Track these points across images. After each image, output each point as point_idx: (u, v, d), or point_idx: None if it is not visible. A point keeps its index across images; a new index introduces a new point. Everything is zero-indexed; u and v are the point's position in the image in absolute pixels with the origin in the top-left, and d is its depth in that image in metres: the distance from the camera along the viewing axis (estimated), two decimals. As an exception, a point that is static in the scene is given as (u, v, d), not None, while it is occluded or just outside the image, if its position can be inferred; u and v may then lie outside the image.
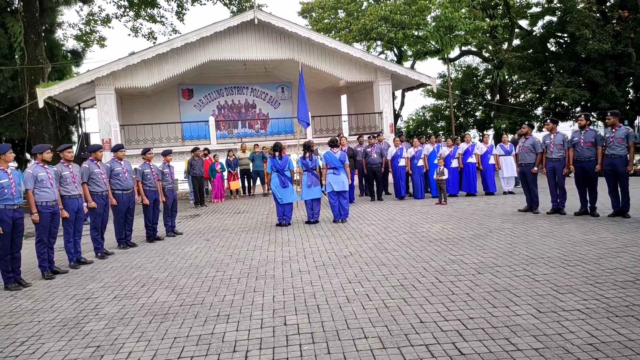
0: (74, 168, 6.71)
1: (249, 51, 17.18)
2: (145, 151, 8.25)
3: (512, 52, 21.44)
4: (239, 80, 21.09)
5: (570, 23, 21.17)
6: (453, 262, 5.50)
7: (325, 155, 8.74)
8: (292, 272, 5.55)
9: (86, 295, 5.23)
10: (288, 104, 22.11)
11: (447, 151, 11.88)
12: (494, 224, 7.73)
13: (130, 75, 16.08)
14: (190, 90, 21.00)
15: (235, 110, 21.58)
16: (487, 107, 23.91)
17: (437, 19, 18.34)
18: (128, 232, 7.81)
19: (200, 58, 16.67)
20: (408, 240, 6.84)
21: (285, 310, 4.29)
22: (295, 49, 17.63)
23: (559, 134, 8.39)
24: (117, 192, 7.46)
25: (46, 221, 6.09)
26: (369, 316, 4.00)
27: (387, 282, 4.90)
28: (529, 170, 8.65)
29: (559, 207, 8.37)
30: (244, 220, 10.02)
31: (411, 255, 5.95)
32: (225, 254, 6.79)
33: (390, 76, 18.57)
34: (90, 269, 6.46)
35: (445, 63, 22.91)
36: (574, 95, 20.31)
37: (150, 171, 8.13)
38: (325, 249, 6.60)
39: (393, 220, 8.70)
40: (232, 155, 14.48)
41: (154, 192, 8.17)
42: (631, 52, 19.91)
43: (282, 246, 7.01)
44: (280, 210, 8.65)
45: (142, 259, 6.83)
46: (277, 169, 8.59)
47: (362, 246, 6.65)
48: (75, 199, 6.59)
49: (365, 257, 5.99)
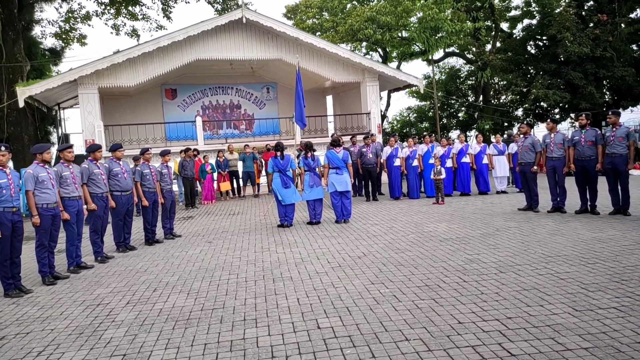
0: (74, 168, 6.44)
1: (236, 50, 16.96)
2: (144, 151, 7.99)
3: (495, 54, 21.72)
4: (224, 80, 20.82)
5: (551, 26, 21.57)
6: (471, 262, 5.46)
7: (327, 154, 8.63)
8: (309, 273, 5.42)
9: (96, 301, 4.99)
10: (273, 104, 21.94)
11: (441, 151, 11.91)
12: (498, 223, 7.75)
13: (115, 74, 15.66)
14: (174, 90, 20.61)
15: (220, 111, 21.28)
16: (470, 108, 24.19)
17: (423, 20, 18.43)
18: (127, 235, 7.54)
19: (186, 57, 16.36)
20: (418, 240, 6.79)
21: (314, 313, 4.16)
22: (283, 48, 17.49)
23: (559, 133, 8.48)
24: (115, 193, 7.19)
25: (47, 224, 5.81)
26: (403, 318, 3.91)
27: (411, 283, 4.82)
28: (528, 169, 8.72)
29: (560, 206, 8.46)
30: (241, 221, 9.82)
31: (426, 255, 5.89)
32: (233, 256, 6.61)
33: (378, 77, 18.62)
34: (93, 274, 6.19)
35: (430, 64, 23.08)
36: (555, 97, 20.70)
37: (150, 172, 7.87)
38: (336, 250, 6.49)
39: (396, 220, 8.65)
40: (222, 156, 14.22)
41: (153, 194, 7.91)
42: (610, 55, 20.39)
43: (291, 247, 6.87)
44: (282, 211, 8.50)
45: (146, 263, 6.59)
46: (279, 169, 8.44)
47: (373, 247, 6.57)
48: (75, 200, 6.31)
49: (380, 258, 5.91)
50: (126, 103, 19.27)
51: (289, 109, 20.92)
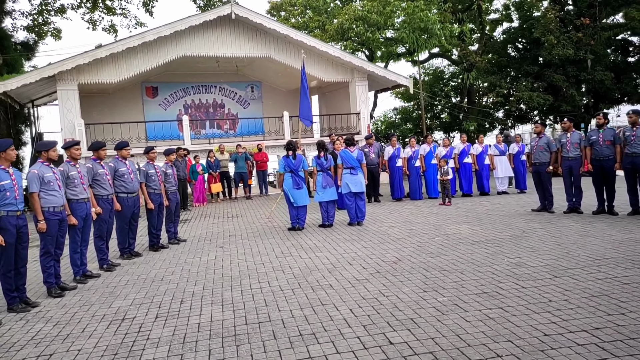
0: (82, 168, 5.86)
1: (224, 47, 16.40)
2: (149, 150, 7.41)
3: (482, 55, 21.84)
4: (207, 78, 20.18)
5: (533, 29, 21.85)
6: (518, 266, 5.19)
7: (341, 154, 8.25)
8: (349, 281, 5.03)
9: (118, 315, 4.47)
10: (258, 103, 21.43)
11: (443, 151, 11.72)
12: (520, 224, 7.55)
13: (96, 69, 14.89)
14: (155, 88, 19.85)
15: (203, 110, 20.63)
16: (454, 109, 24.27)
17: (412, 20, 18.29)
18: (132, 240, 6.97)
19: (172, 53, 15.71)
20: (447, 243, 6.50)
21: (377, 326, 3.79)
22: (272, 46, 17.03)
23: (575, 133, 8.37)
24: (121, 195, 6.62)
25: (54, 229, 5.23)
26: (480, 330, 3.58)
27: (467, 290, 4.50)
28: (543, 170, 8.58)
29: (576, 206, 8.34)
30: (245, 224, 9.34)
31: (465, 259, 5.59)
32: (254, 262, 6.16)
33: (367, 76, 18.39)
34: (103, 284, 5.63)
35: (415, 65, 23.02)
36: (539, 100, 20.95)
37: (155, 172, 7.32)
38: (365, 255, 6.12)
39: (411, 222, 8.35)
40: (212, 157, 13.65)
41: (159, 196, 7.36)
42: (591, 59, 20.78)
43: (314, 252, 6.46)
44: (293, 214, 8.07)
45: (159, 270, 6.07)
46: (291, 169, 8.01)
47: (403, 251, 6.23)
48: (83, 203, 5.74)
49: (417, 263, 5.58)
50: (105, 101, 18.40)
51: (273, 109, 20.45)
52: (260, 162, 14.49)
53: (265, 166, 14.67)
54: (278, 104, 20.82)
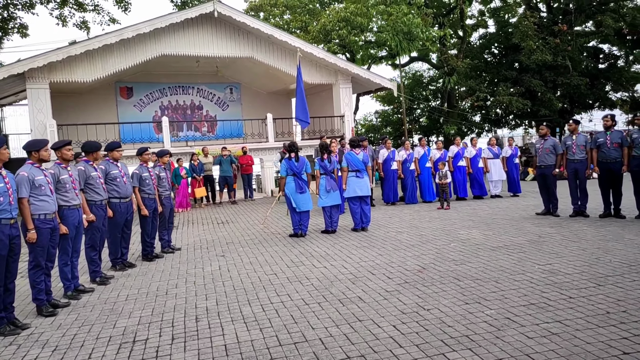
0: (73, 171, 5.26)
1: (205, 47, 15.79)
2: (142, 151, 6.82)
3: (463, 59, 21.91)
4: (184, 79, 19.49)
5: (512, 35, 22.08)
6: (552, 273, 4.91)
7: (346, 156, 7.86)
8: (379, 293, 4.63)
9: (127, 337, 3.94)
10: (237, 105, 20.84)
11: (437, 154, 11.51)
12: (531, 229, 7.33)
13: (70, 67, 14.04)
14: (130, 88, 19.01)
15: (180, 112, 19.90)
16: (434, 113, 24.28)
17: (395, 23, 18.12)
18: (124, 249, 6.38)
19: (151, 52, 14.99)
20: (466, 249, 6.19)
21: (432, 345, 3.40)
22: (255, 46, 16.53)
23: (581, 135, 8.25)
24: (113, 200, 6.02)
25: (45, 240, 4.63)
26: (549, 348, 3.24)
27: (511, 301, 4.17)
28: (549, 172, 8.42)
29: (582, 210, 8.21)
30: (239, 231, 8.82)
31: (494, 267, 5.28)
32: (264, 272, 5.68)
33: (351, 79, 18.11)
34: (99, 299, 5.04)
35: (395, 69, 22.90)
36: (518, 104, 21.15)
37: (149, 175, 6.74)
38: (385, 263, 5.73)
39: (417, 227, 8.03)
40: (196, 160, 13.03)
41: (153, 201, 6.78)
42: (569, 64, 21.13)
43: (328, 261, 6.03)
44: (296, 219, 7.61)
45: (160, 283, 5.51)
46: (294, 172, 7.56)
47: (423, 258, 5.88)
48: (75, 209, 5.14)
49: (444, 272, 5.23)
50: (76, 101, 17.47)
51: (253, 111, 19.90)
52: (245, 166, 13.97)
53: (250, 170, 14.14)
54: (258, 107, 20.31)
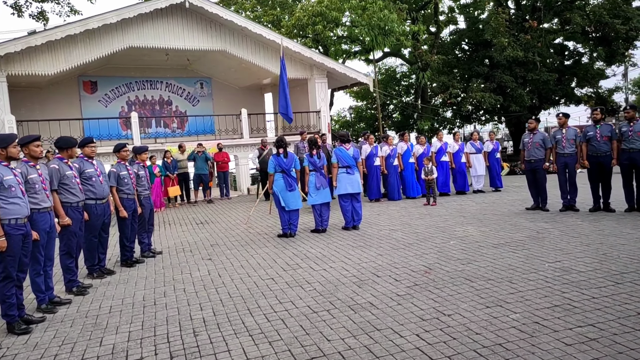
0: (43, 169, 4.70)
1: (175, 39, 15.11)
2: (120, 147, 6.26)
3: (437, 55, 21.91)
4: (152, 73, 18.69)
5: (483, 31, 22.25)
6: (565, 271, 4.71)
7: (336, 152, 7.52)
8: (390, 297, 4.31)
9: (119, 356, 3.47)
10: (208, 101, 20.19)
11: (420, 149, 11.33)
12: (526, 224, 7.19)
13: (30, 59, 13.14)
14: (94, 83, 18.07)
15: (149, 107, 19.09)
16: (407, 108, 24.25)
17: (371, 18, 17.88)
18: (102, 255, 5.83)
19: (118, 43, 14.23)
20: (467, 247, 5.96)
21: (465, 356, 3.10)
22: (227, 39, 15.97)
23: (571, 129, 8.17)
24: (89, 202, 5.48)
25: (17, 247, 4.09)
26: (593, 357, 3.00)
27: (533, 303, 3.93)
28: (540, 167, 8.31)
29: (571, 204, 8.15)
30: (222, 231, 8.35)
31: (502, 265, 5.06)
32: (259, 276, 5.27)
33: (326, 74, 17.78)
34: (79, 312, 4.53)
35: (369, 64, 22.72)
36: (490, 100, 21.33)
37: (127, 173, 6.20)
38: (387, 264, 5.42)
39: (409, 224, 7.78)
40: (169, 157, 12.41)
41: (132, 201, 6.25)
42: (537, 61, 21.44)
43: (325, 262, 5.67)
44: (285, 218, 7.21)
45: (146, 292, 5.03)
46: (282, 169, 7.15)
47: (425, 257, 5.61)
48: (46, 213, 4.59)
49: (452, 272, 4.96)
50: (35, 96, 16.48)
51: (225, 107, 19.31)
52: (221, 163, 13.43)
53: (226, 167, 13.61)
54: (230, 102, 19.73)
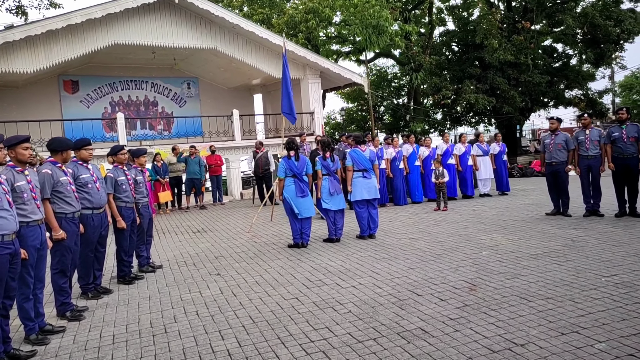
0: (32, 176, 4.02)
1: (163, 36, 14.37)
2: (117, 150, 5.57)
3: (431, 55, 21.56)
4: (137, 72, 17.88)
5: (475, 33, 21.99)
6: (629, 287, 4.22)
7: (351, 154, 6.94)
8: (442, 321, 3.75)
9: (132, 406, 2.83)
10: (195, 101, 19.43)
11: (426, 152, 10.84)
12: (555, 231, 6.72)
13: (7, 55, 12.29)
14: (75, 82, 17.17)
15: (133, 108, 18.24)
16: (399, 110, 23.84)
17: (364, 17, 17.42)
18: (98, 272, 5.14)
19: (103, 40, 13.43)
20: (504, 258, 5.44)
21: (566, 401, 2.56)
22: (218, 37, 15.29)
23: (594, 130, 7.76)
24: (84, 211, 4.79)
25: (4, 269, 3.42)
26: None
27: (614, 329, 3.41)
28: (562, 169, 7.87)
29: (595, 209, 7.73)
30: (224, 241, 7.69)
31: (553, 280, 4.54)
32: (281, 296, 4.65)
33: (319, 74, 17.23)
34: (76, 343, 3.85)
35: (360, 65, 22.24)
36: (483, 102, 21.06)
37: (126, 179, 5.53)
38: (423, 279, 4.86)
39: (428, 232, 7.24)
40: (159, 160, 11.67)
41: (131, 210, 5.57)
42: (530, 62, 21.26)
43: (352, 278, 5.07)
44: (296, 227, 6.60)
45: (152, 316, 4.36)
46: (294, 173, 6.54)
47: (461, 271, 5.06)
48: (36, 226, 3.91)
49: (499, 288, 4.42)
50: (12, 96, 15.57)
51: (212, 108, 18.60)
52: (214, 166, 12.73)
53: (219, 170, 12.92)
54: (218, 103, 19.05)
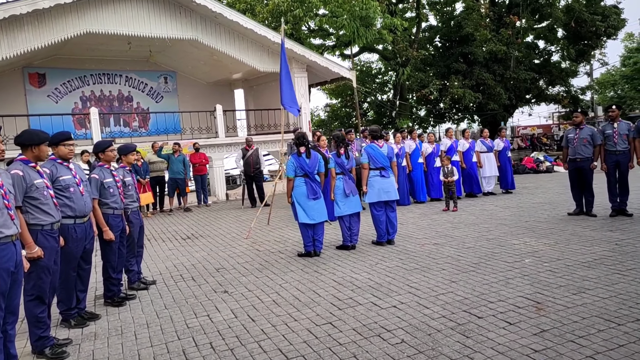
0: (4, 177, 3.12)
1: (139, 25, 13.30)
2: (105, 146, 4.64)
3: (418, 50, 21.01)
4: (110, 65, 16.72)
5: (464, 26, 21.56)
6: None
7: (367, 150, 6.20)
8: (523, 352, 3.04)
9: None
10: (172, 97, 18.38)
11: (429, 148, 10.21)
12: (591, 234, 6.14)
13: (-35, 44, 11.04)
14: (42, 75, 15.91)
15: (106, 104, 17.07)
16: (385, 106, 23.25)
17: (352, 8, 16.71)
18: (81, 293, 4.24)
19: (73, 28, 12.28)
20: (553, 268, 4.79)
21: None
22: (198, 27, 14.30)
23: (623, 123, 7.22)
24: (65, 221, 3.90)
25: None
26: None
27: None
28: (587, 166, 7.30)
29: (622, 207, 7.21)
30: (220, 249, 6.84)
31: (631, 295, 3.91)
32: (308, 319, 3.87)
33: (306, 67, 16.43)
34: (61, 395, 2.98)
35: (344, 59, 21.57)
36: (470, 97, 20.68)
37: (114, 181, 4.63)
38: (475, 296, 4.15)
39: (452, 236, 6.55)
40: (139, 159, 10.66)
41: (120, 219, 4.68)
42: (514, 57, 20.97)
43: (388, 294, 4.32)
44: (308, 234, 5.81)
45: (156, 350, 3.52)
46: (305, 172, 5.75)
47: (512, 284, 4.38)
48: (9, 244, 3.03)
49: (570, 307, 3.76)
50: (-28, 90, 14.22)
51: (191, 103, 17.58)
52: (199, 165, 11.79)
53: (204, 170, 11.98)
54: (197, 98, 18.09)
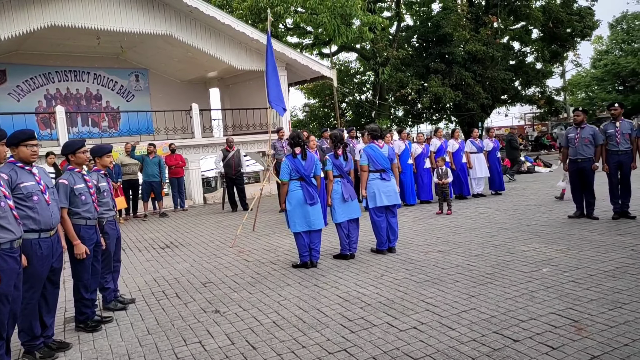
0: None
1: (109, 18, 12.48)
2: (76, 147, 3.98)
3: (398, 49, 20.71)
4: (77, 62, 15.81)
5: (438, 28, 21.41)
6: None
7: (366, 150, 5.72)
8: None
9: None
10: (144, 96, 17.56)
11: (419, 149, 9.83)
12: (602, 239, 5.81)
13: None
14: (2, 71, 14.91)
15: (73, 103, 16.13)
16: (364, 106, 22.88)
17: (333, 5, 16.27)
18: (48, 320, 3.61)
19: (36, 20, 11.41)
20: (576, 278, 4.41)
21: None
22: (173, 22, 13.58)
23: (625, 122, 6.96)
24: (28, 236, 3.28)
25: None
26: None
27: None
28: (589, 167, 7.02)
29: (625, 210, 6.95)
30: (204, 260, 6.24)
31: (669, 309, 3.55)
32: (318, 346, 3.35)
33: (285, 66, 15.89)
34: None
35: (323, 58, 21.11)
36: (450, 96, 20.52)
37: (86, 187, 4.00)
38: (501, 313, 3.71)
39: (454, 242, 6.14)
40: (111, 162, 9.90)
41: (94, 230, 4.05)
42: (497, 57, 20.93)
43: (403, 312, 3.84)
44: (304, 242, 5.29)
45: (140, 391, 2.95)
46: (301, 175, 5.23)
47: (538, 299, 3.96)
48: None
49: (612, 324, 3.36)
50: None
51: (164, 102, 16.78)
52: (175, 167, 11.10)
53: (181, 172, 11.29)
54: (170, 97, 17.33)
